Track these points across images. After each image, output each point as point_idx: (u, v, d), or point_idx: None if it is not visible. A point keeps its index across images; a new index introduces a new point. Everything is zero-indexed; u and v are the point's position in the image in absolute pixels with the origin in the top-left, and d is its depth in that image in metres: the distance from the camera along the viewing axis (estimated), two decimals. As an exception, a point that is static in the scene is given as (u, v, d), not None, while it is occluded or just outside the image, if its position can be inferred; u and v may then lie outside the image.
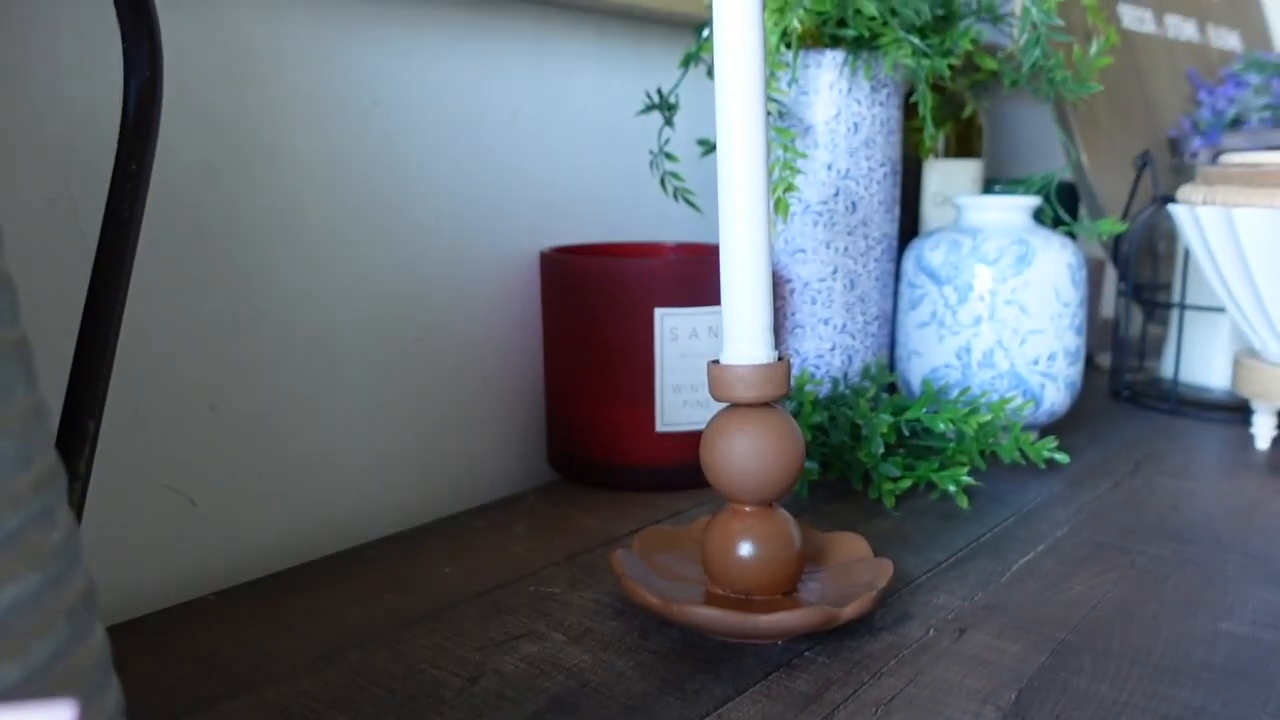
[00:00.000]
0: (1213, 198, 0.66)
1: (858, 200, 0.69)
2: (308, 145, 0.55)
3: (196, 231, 0.51)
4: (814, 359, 0.70)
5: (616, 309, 0.61)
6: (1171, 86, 1.05)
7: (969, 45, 0.65)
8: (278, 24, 0.53)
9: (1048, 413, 0.70)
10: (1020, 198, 0.70)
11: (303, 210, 0.55)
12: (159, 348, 0.49)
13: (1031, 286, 0.67)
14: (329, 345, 0.57)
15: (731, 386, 0.44)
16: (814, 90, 0.68)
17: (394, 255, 0.60)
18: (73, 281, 0.43)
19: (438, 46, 0.61)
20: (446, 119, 0.62)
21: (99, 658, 0.25)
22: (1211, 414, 0.80)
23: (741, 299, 0.44)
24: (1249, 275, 0.65)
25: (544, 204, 0.69)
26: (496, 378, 0.67)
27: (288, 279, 0.54)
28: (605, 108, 0.72)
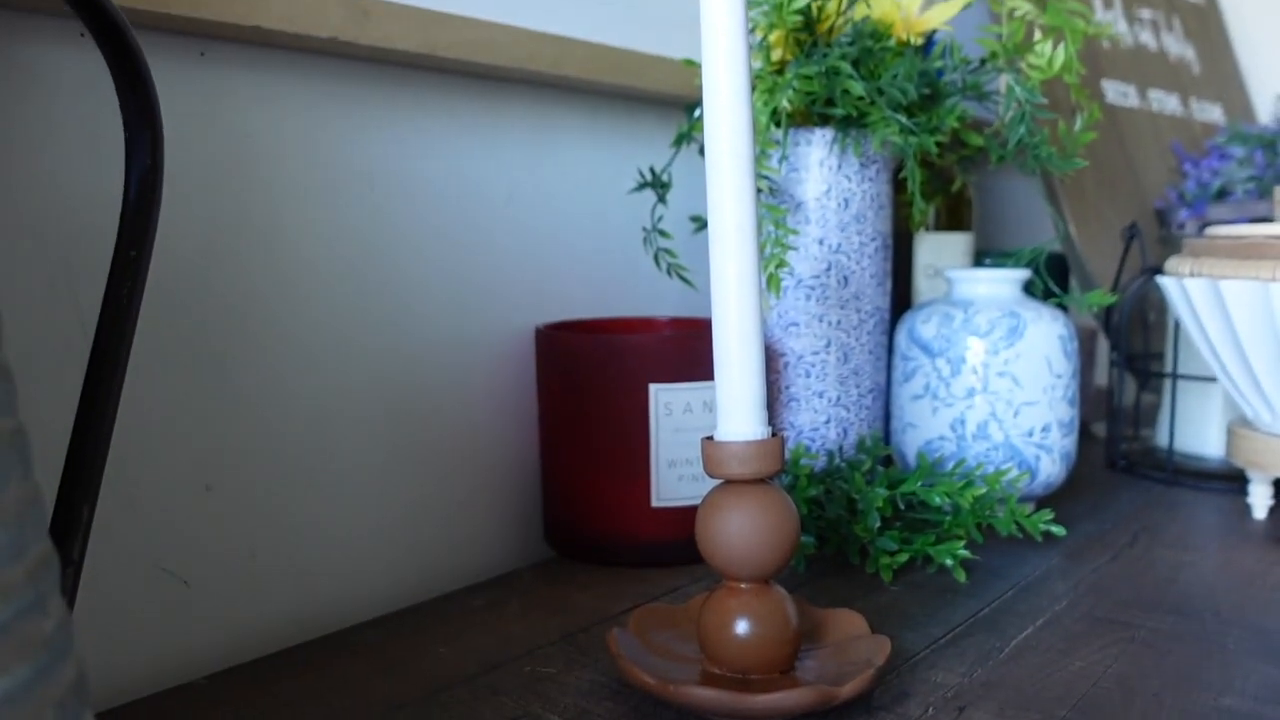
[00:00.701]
0: (1200, 270, 0.67)
1: (849, 274, 0.70)
2: (305, 227, 0.55)
3: (193, 312, 0.51)
4: (809, 432, 0.71)
5: (611, 385, 0.61)
6: (1157, 159, 1.07)
7: (955, 123, 0.66)
8: (276, 112, 0.54)
9: (1044, 484, 0.70)
10: (1010, 271, 0.71)
11: (299, 291, 0.55)
12: (154, 427, 0.50)
13: (1023, 359, 0.68)
14: (324, 423, 0.57)
15: (725, 463, 0.44)
16: (804, 167, 0.69)
17: (390, 334, 0.60)
18: (69, 364, 0.43)
19: (434, 129, 0.62)
20: (443, 199, 0.63)
21: (88, 751, 0.24)
22: (1208, 483, 0.80)
23: (734, 376, 0.44)
24: (1239, 346, 0.65)
25: (539, 281, 0.69)
26: (492, 454, 0.67)
27: (283, 358, 0.55)
28: (599, 186, 0.73)
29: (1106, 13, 1.07)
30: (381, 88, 0.59)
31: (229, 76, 0.52)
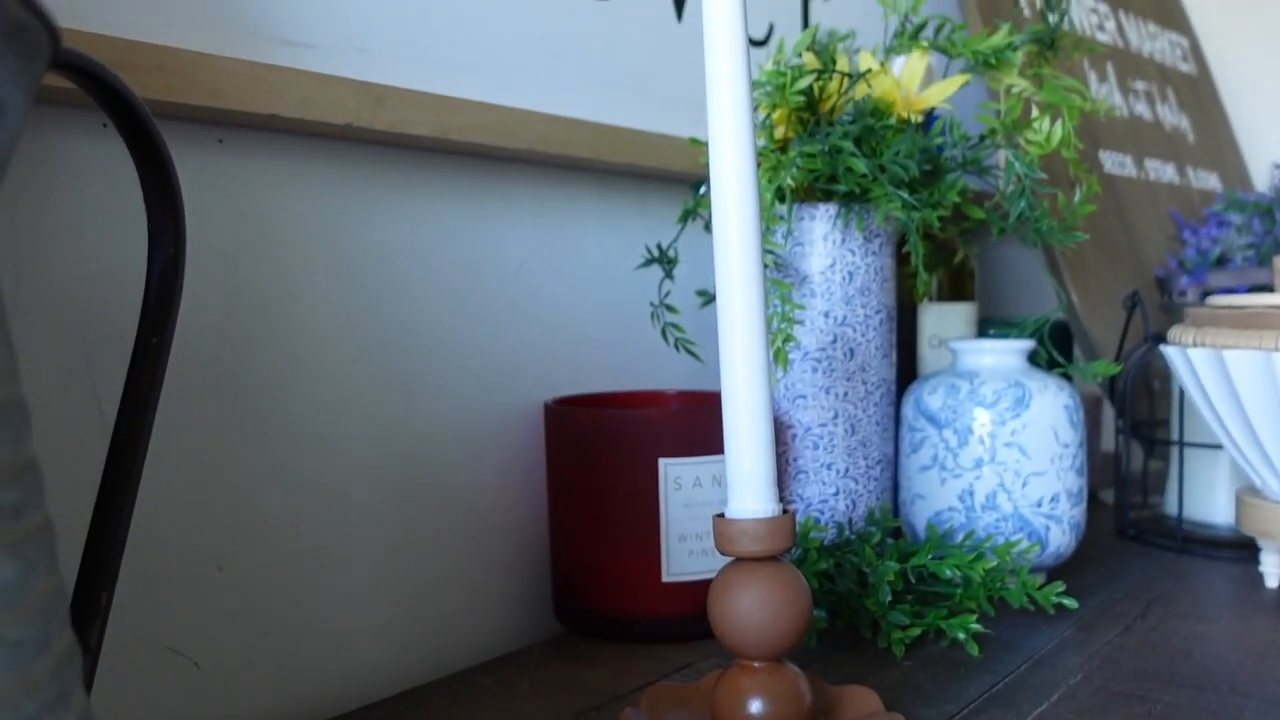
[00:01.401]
0: (1203, 340, 0.67)
1: (855, 346, 0.70)
2: (319, 306, 0.56)
3: (209, 392, 0.52)
4: (818, 504, 0.71)
5: (620, 460, 0.62)
6: (1156, 227, 1.08)
7: (956, 197, 0.68)
8: (292, 194, 0.55)
9: (1054, 555, 0.70)
10: (1014, 341, 0.71)
11: (312, 370, 0.56)
12: (168, 508, 0.50)
13: (1030, 429, 0.68)
14: (337, 502, 0.57)
15: (737, 541, 0.44)
16: (809, 241, 0.70)
17: (402, 410, 0.60)
18: (86, 449, 0.44)
19: (445, 208, 0.63)
20: (454, 277, 0.63)
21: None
22: (1218, 552, 0.80)
23: (744, 453, 0.44)
24: (1244, 415, 0.66)
25: (549, 355, 0.70)
26: (502, 530, 0.67)
27: (296, 438, 0.55)
28: (607, 261, 0.74)
29: (1101, 85, 1.09)
30: (395, 169, 0.60)
31: (247, 162, 0.53)
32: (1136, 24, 1.22)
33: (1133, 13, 1.22)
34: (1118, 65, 1.14)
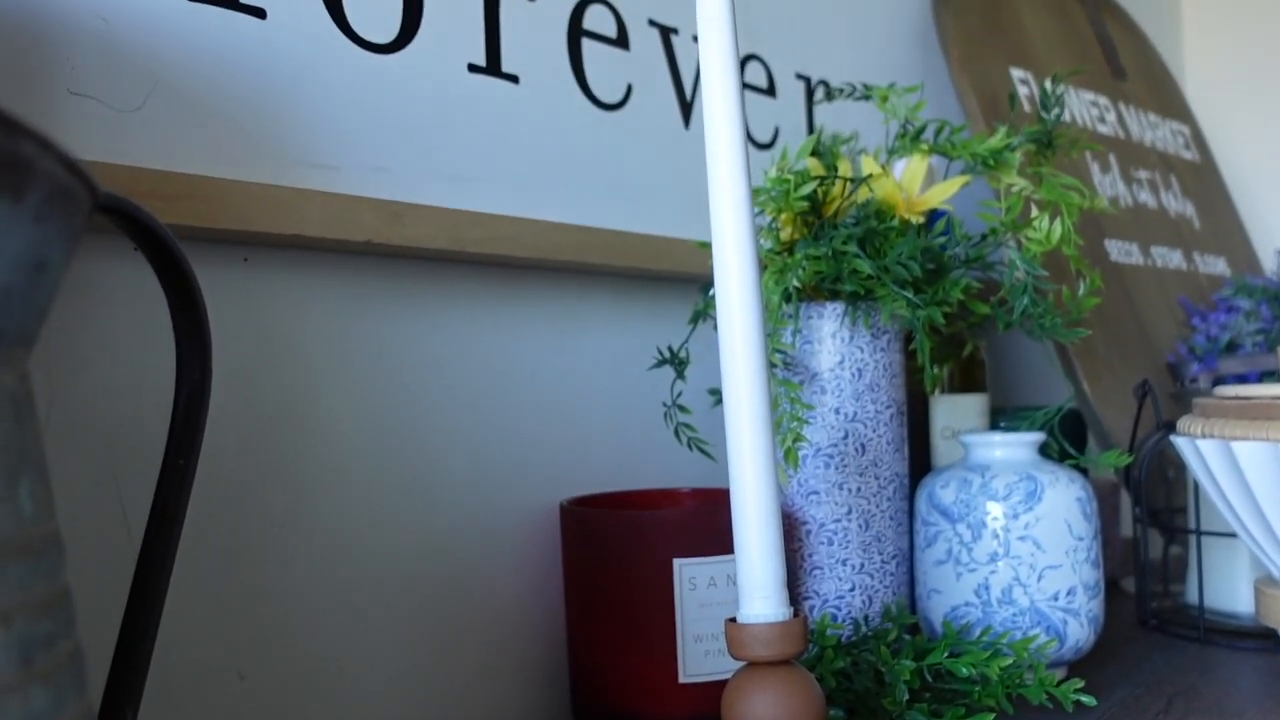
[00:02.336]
0: (1211, 430, 0.68)
1: (867, 442, 0.71)
2: (339, 415, 0.58)
3: (231, 504, 0.53)
4: (834, 600, 0.71)
5: (635, 560, 0.62)
6: (1165, 313, 1.09)
7: (960, 295, 0.69)
8: (313, 308, 0.57)
9: (1073, 649, 0.70)
10: (1024, 434, 0.72)
11: (332, 477, 0.57)
12: (191, 618, 0.51)
13: (1043, 522, 0.68)
14: (356, 608, 0.58)
15: (748, 645, 0.44)
16: (818, 339, 0.71)
17: (420, 515, 0.62)
18: (113, 565, 0.45)
19: (462, 317, 0.65)
20: (470, 382, 0.65)
21: None
22: (1241, 642, 0.79)
23: (754, 557, 0.45)
24: (1255, 505, 0.66)
25: (565, 456, 0.71)
26: (520, 631, 0.67)
27: (317, 546, 0.56)
28: (621, 363, 0.76)
29: (1104, 176, 1.11)
30: (413, 281, 0.62)
31: (271, 279, 0.55)
32: (1137, 115, 1.25)
33: (1133, 104, 1.25)
34: (1120, 155, 1.16)
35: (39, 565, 0.25)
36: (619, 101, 0.76)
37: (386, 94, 0.60)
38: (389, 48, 0.61)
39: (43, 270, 0.25)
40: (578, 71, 0.73)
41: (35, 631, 0.24)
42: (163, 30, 0.51)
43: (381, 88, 0.60)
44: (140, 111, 0.50)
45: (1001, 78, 1.05)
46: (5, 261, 0.23)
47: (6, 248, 0.23)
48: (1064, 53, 1.17)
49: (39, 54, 0.47)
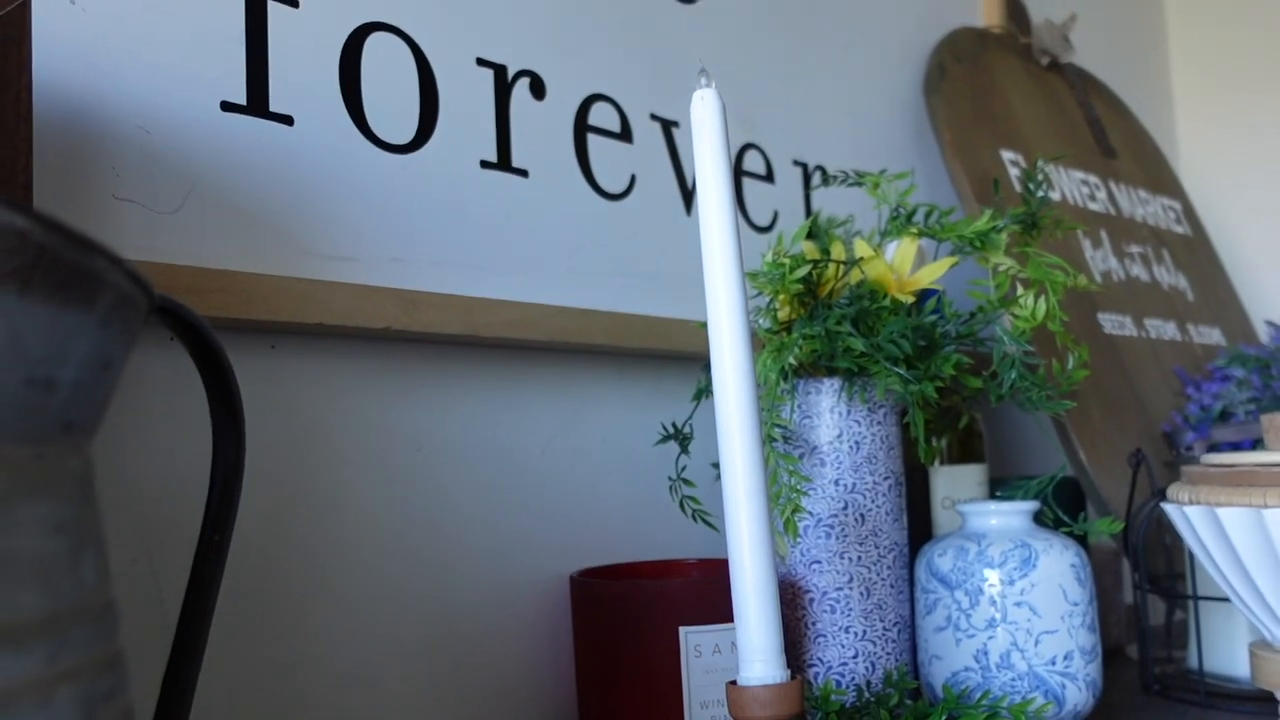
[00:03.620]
0: (1197, 497, 0.70)
1: (866, 512, 0.74)
2: (359, 492, 0.61)
3: (255, 579, 0.56)
4: (838, 666, 0.73)
5: (643, 629, 0.65)
6: (1161, 383, 1.12)
7: (951, 370, 0.72)
8: (335, 391, 0.61)
9: (1072, 713, 0.71)
10: (1019, 503, 0.75)
11: (352, 554, 0.60)
12: (217, 686, 0.53)
13: (1038, 588, 0.71)
14: (374, 677, 0.61)
15: (748, 707, 0.47)
16: (816, 414, 0.74)
17: (436, 589, 0.64)
18: (147, 637, 0.48)
19: (475, 397, 0.68)
20: (482, 459, 0.68)
21: None
22: (1242, 705, 0.81)
23: (752, 624, 0.48)
24: (1243, 570, 0.68)
25: (574, 529, 0.74)
26: (533, 698, 0.69)
27: (337, 620, 0.59)
28: (627, 439, 0.79)
29: (1095, 251, 1.15)
30: (428, 365, 0.66)
31: (295, 364, 0.59)
32: (1128, 191, 1.29)
33: (1123, 181, 1.29)
34: (1111, 231, 1.20)
35: (99, 629, 0.28)
36: (623, 191, 0.80)
37: (404, 190, 0.65)
38: (407, 148, 0.65)
39: (107, 368, 0.28)
40: (583, 164, 0.77)
41: (98, 688, 0.27)
42: (198, 138, 0.55)
43: (399, 184, 0.64)
44: (178, 213, 0.54)
45: (993, 160, 1.09)
46: (76, 362, 0.27)
47: (78, 350, 0.27)
48: (1053, 135, 1.21)
49: (86, 163, 0.51)
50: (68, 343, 0.26)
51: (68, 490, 0.28)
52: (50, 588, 0.26)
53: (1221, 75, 1.67)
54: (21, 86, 0.43)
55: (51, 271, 0.25)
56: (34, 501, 0.26)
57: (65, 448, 0.28)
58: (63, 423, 0.27)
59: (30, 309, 0.25)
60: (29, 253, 0.25)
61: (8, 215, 0.24)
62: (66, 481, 0.28)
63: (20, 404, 0.26)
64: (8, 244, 0.24)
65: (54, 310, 0.26)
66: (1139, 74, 1.59)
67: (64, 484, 0.27)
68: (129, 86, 0.53)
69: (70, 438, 0.28)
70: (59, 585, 0.26)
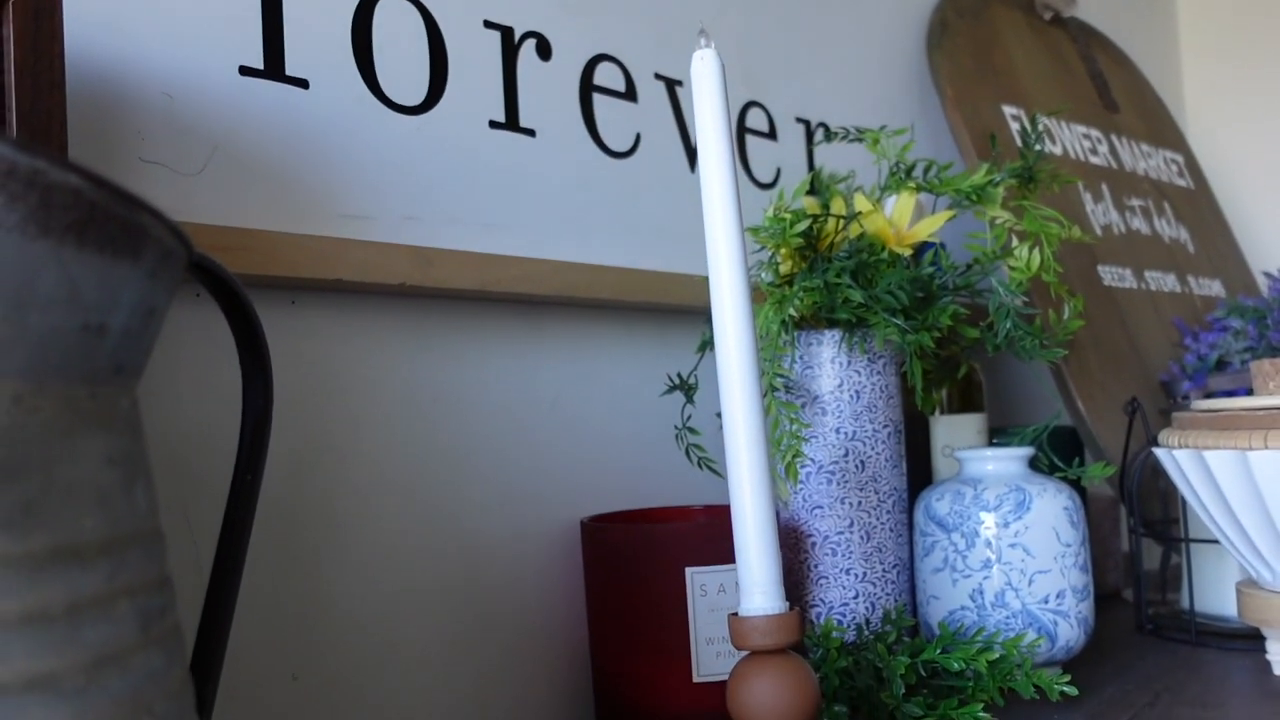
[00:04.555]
0: (1186, 441, 0.73)
1: (866, 459, 0.77)
2: (378, 441, 0.64)
3: (283, 521, 0.59)
4: (839, 607, 0.76)
5: (651, 570, 0.68)
6: (1160, 334, 1.14)
7: (949, 320, 0.74)
8: (354, 346, 0.63)
9: (1064, 649, 0.74)
10: (1014, 449, 0.77)
11: (374, 497, 0.63)
12: (249, 623, 0.57)
13: (1032, 530, 0.73)
14: (397, 617, 0.64)
15: (749, 636, 0.50)
16: (818, 364, 0.77)
17: (453, 532, 0.67)
18: (182, 577, 0.51)
19: (487, 351, 0.71)
20: (495, 411, 0.71)
21: None
22: (1231, 643, 0.84)
23: (752, 558, 0.50)
24: (1229, 511, 0.70)
25: (584, 478, 0.77)
26: (546, 637, 0.73)
27: (360, 559, 0.62)
28: (634, 390, 0.81)
29: (1096, 205, 1.17)
30: (442, 319, 0.68)
31: (315, 319, 0.62)
32: (1130, 145, 1.30)
33: (1125, 135, 1.30)
34: (1112, 185, 1.21)
35: (151, 552, 0.31)
36: (628, 149, 0.82)
37: (416, 150, 0.67)
38: (418, 109, 0.67)
39: (151, 315, 0.31)
40: (589, 123, 0.79)
41: (152, 604, 0.30)
42: (220, 102, 0.57)
43: (411, 144, 0.67)
44: (201, 175, 0.56)
45: (994, 115, 1.10)
46: (126, 309, 0.30)
47: (127, 298, 0.29)
48: (1055, 89, 1.23)
49: (114, 127, 0.53)
50: (118, 291, 0.29)
51: (120, 426, 0.30)
52: (108, 513, 0.29)
53: (1228, 28, 1.67)
54: (54, 55, 0.45)
55: (103, 226, 0.28)
56: (92, 435, 0.29)
57: (116, 388, 0.30)
58: (114, 365, 0.30)
59: (85, 260, 0.27)
60: (82, 208, 0.27)
61: (63, 174, 0.27)
62: (119, 419, 0.30)
63: (78, 347, 0.28)
64: (64, 200, 0.27)
65: (106, 261, 0.28)
66: (1144, 27, 1.60)
67: (117, 421, 0.30)
68: (152, 54, 0.55)
69: (120, 379, 0.30)
70: (116, 511, 0.29)
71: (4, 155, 0.25)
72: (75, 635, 0.27)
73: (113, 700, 0.27)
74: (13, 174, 0.26)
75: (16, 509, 0.26)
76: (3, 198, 0.26)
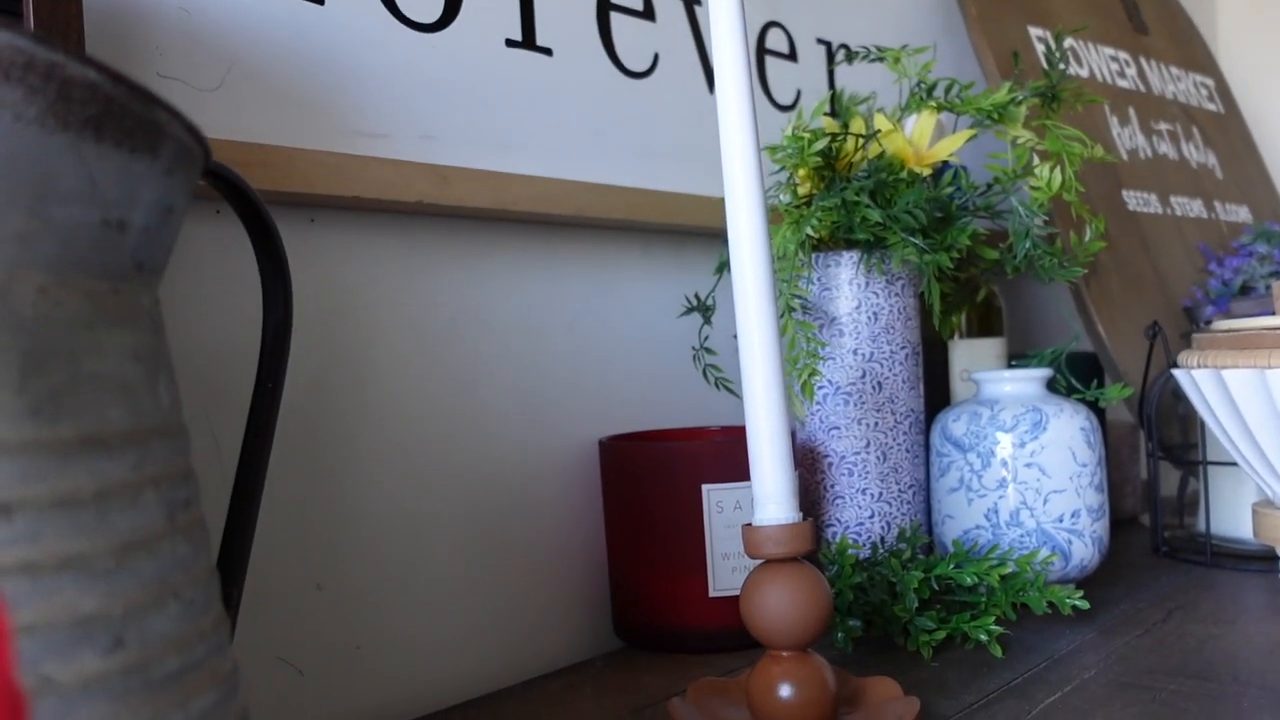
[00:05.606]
0: (1205, 361, 0.72)
1: (883, 380, 0.77)
2: (397, 360, 0.65)
3: (306, 437, 0.60)
4: (855, 526, 0.77)
5: (668, 488, 0.69)
6: (1184, 260, 1.13)
7: (968, 241, 0.74)
8: (372, 264, 0.64)
9: (1078, 567, 0.75)
10: (1032, 370, 0.77)
11: (394, 413, 0.64)
12: (274, 536, 0.58)
13: (1048, 450, 0.74)
14: (418, 532, 0.65)
15: (762, 545, 0.51)
16: (836, 286, 0.77)
17: (473, 449, 0.68)
18: (209, 483, 0.52)
19: (505, 271, 0.71)
20: (514, 331, 0.72)
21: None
22: (1246, 564, 0.84)
23: (766, 469, 0.51)
24: (1247, 430, 0.70)
25: (601, 399, 0.78)
26: (564, 554, 0.74)
27: (383, 473, 0.63)
28: (652, 311, 0.82)
29: (1123, 128, 1.15)
30: (459, 238, 0.69)
31: (334, 238, 0.62)
32: (1159, 68, 1.28)
33: (1154, 58, 1.28)
34: (1139, 108, 1.19)
35: (175, 446, 0.32)
36: (646, 69, 0.81)
37: (432, 68, 0.67)
38: (434, 27, 0.67)
39: (170, 214, 0.32)
40: (607, 42, 0.78)
41: (177, 495, 0.31)
42: (237, 18, 0.57)
43: (427, 63, 0.66)
44: (219, 91, 0.56)
45: (1020, 37, 1.08)
46: (145, 206, 0.30)
47: (146, 195, 0.30)
48: (1084, 10, 1.20)
49: (132, 43, 0.54)
50: (137, 187, 0.29)
51: (143, 323, 0.31)
52: (133, 405, 0.30)
53: (1263, -53, 1.62)
54: (70, -34, 0.45)
55: (120, 121, 0.28)
56: (115, 330, 0.29)
57: (138, 285, 0.31)
58: (135, 262, 0.31)
59: (104, 154, 0.28)
60: (99, 103, 0.27)
61: (81, 68, 0.27)
62: (141, 315, 0.31)
63: (99, 242, 0.29)
64: (81, 94, 0.27)
65: (124, 156, 0.28)
66: (1176, -53, 1.55)
67: (139, 317, 0.31)
68: (167, -33, 0.55)
69: (142, 276, 0.31)
70: (140, 404, 0.30)
71: (23, 48, 0.26)
72: (103, 520, 0.28)
73: (141, 583, 0.28)
74: (31, 67, 0.26)
75: (45, 397, 0.27)
76: (22, 91, 0.26)
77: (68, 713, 0.26)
